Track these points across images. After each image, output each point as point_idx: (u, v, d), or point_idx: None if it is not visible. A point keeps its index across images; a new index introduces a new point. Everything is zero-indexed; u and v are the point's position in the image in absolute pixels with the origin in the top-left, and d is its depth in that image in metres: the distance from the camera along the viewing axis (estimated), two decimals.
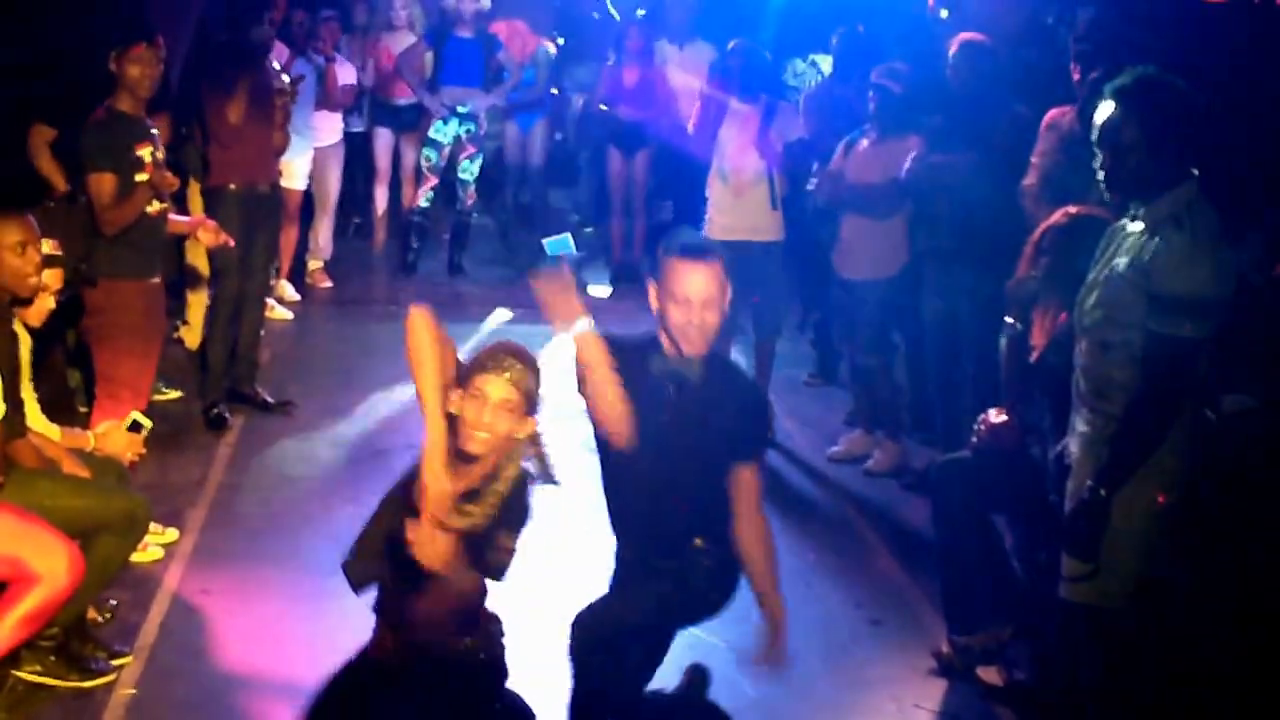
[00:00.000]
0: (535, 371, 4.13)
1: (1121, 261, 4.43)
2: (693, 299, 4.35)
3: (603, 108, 11.71)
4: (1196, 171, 4.41)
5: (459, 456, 4.02)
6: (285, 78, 8.73)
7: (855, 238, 7.79)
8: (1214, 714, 4.88)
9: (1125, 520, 4.42)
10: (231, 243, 7.34)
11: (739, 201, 8.23)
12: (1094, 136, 4.51)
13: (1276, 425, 5.16)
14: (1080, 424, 4.60)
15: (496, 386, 4.04)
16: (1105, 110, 4.48)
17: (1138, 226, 4.45)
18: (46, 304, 5.57)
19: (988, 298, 6.27)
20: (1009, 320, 5.60)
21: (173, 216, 6.97)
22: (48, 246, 5.46)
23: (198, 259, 8.86)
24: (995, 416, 5.54)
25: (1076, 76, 6.50)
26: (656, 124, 11.39)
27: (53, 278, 5.55)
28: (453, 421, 4.02)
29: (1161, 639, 4.87)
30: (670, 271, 4.41)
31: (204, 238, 7.22)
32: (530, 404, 4.10)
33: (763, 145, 8.10)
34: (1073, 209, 5.38)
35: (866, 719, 5.32)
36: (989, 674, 5.52)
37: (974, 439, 5.59)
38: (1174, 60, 5.03)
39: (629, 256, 12.00)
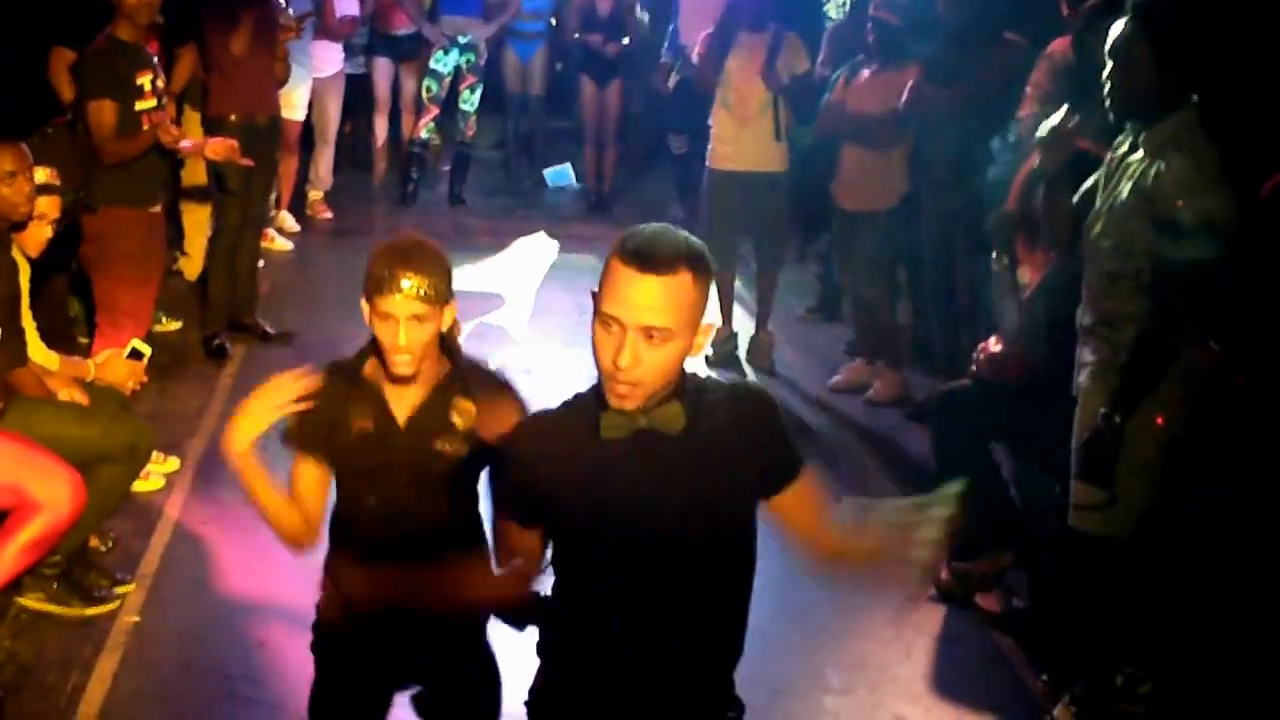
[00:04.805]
0: (437, 270, 3.61)
1: (1125, 189, 4.42)
2: (624, 320, 2.71)
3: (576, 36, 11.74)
4: (1195, 98, 4.40)
5: (393, 381, 3.69)
6: (290, 13, 8.69)
7: (855, 169, 7.77)
8: (1215, 645, 4.91)
9: (1132, 449, 4.43)
10: (244, 160, 7.34)
11: (743, 132, 8.20)
12: (1106, 49, 4.49)
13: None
14: (1087, 355, 4.59)
15: (401, 304, 3.56)
16: (1120, 24, 4.46)
17: (1138, 154, 4.43)
18: (44, 233, 5.54)
19: (982, 229, 6.26)
20: (994, 255, 5.61)
21: (182, 144, 6.96)
22: (44, 175, 5.44)
23: (196, 179, 8.82)
24: (994, 345, 5.54)
25: (1066, 10, 6.44)
26: (629, 53, 11.45)
27: (50, 206, 5.52)
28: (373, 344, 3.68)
29: (1166, 569, 4.90)
30: (606, 279, 2.76)
31: (213, 154, 7.21)
32: (442, 299, 3.61)
33: (769, 76, 8.07)
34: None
35: (865, 645, 5.34)
36: (988, 601, 5.56)
37: (974, 368, 5.60)
38: None
39: (602, 187, 12.05)
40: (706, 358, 8.18)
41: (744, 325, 8.54)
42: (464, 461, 3.70)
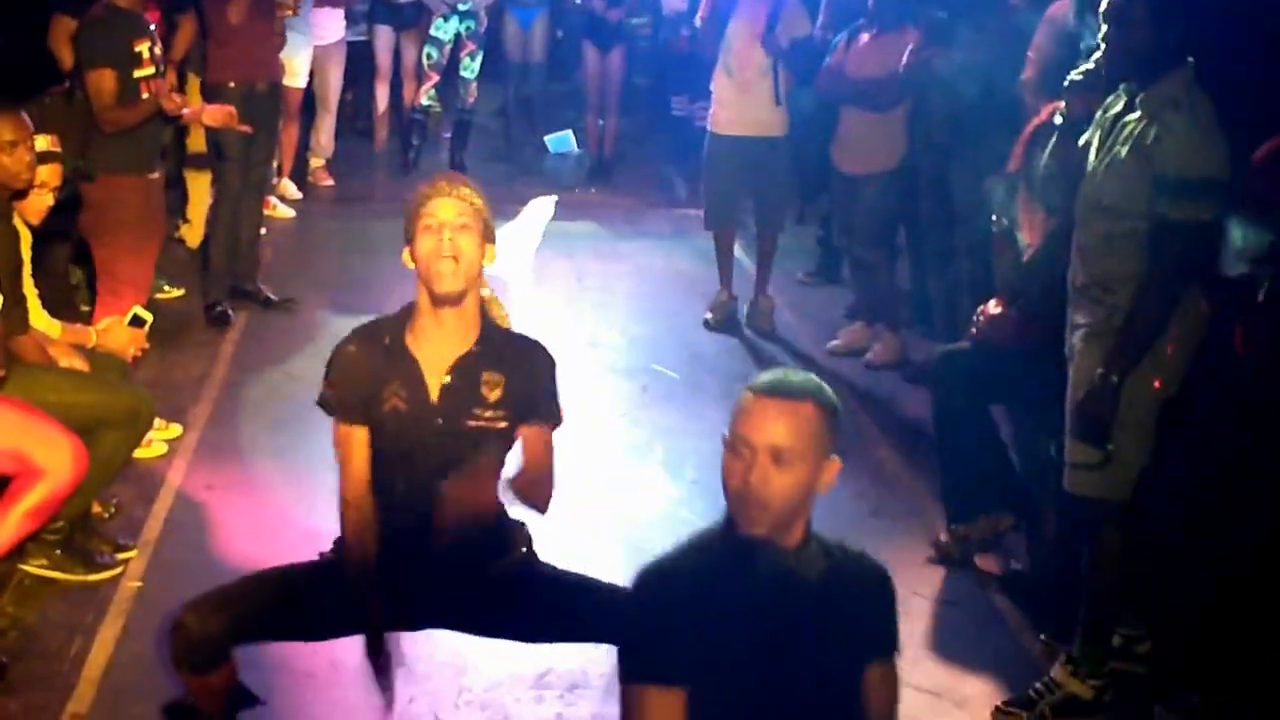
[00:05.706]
0: (481, 195, 3.80)
1: (1122, 150, 4.41)
2: (754, 442, 2.93)
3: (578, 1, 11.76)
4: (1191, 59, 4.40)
5: (436, 302, 3.76)
6: None
7: (854, 132, 7.78)
8: (1210, 607, 4.92)
9: (1128, 412, 4.44)
10: (242, 126, 7.37)
11: (743, 96, 8.20)
12: (1101, 9, 4.48)
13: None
14: (1079, 317, 4.59)
15: (448, 206, 3.70)
16: None
17: (1134, 115, 4.42)
18: (44, 201, 5.55)
19: (982, 191, 6.25)
20: (994, 217, 5.61)
21: (183, 111, 6.98)
22: (45, 142, 5.45)
23: (200, 146, 8.83)
24: (993, 308, 5.55)
25: None
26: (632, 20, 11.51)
27: (50, 174, 5.53)
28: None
29: (1163, 530, 4.91)
30: (737, 411, 3.00)
31: (210, 120, 7.23)
32: (488, 230, 3.78)
33: (769, 41, 8.05)
34: (1061, 105, 5.35)
35: None
36: (987, 563, 5.57)
37: (973, 330, 5.61)
38: None
39: (604, 153, 12.05)
40: (706, 321, 8.26)
41: (744, 289, 8.54)
42: (494, 436, 3.80)
